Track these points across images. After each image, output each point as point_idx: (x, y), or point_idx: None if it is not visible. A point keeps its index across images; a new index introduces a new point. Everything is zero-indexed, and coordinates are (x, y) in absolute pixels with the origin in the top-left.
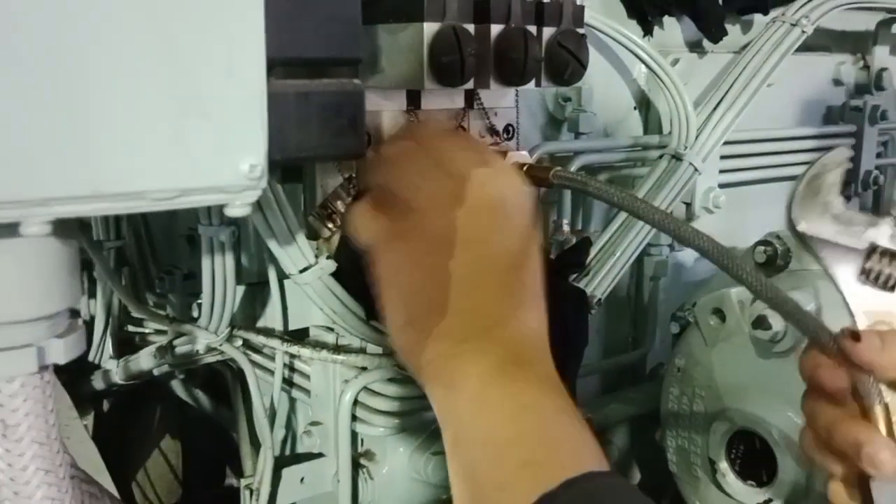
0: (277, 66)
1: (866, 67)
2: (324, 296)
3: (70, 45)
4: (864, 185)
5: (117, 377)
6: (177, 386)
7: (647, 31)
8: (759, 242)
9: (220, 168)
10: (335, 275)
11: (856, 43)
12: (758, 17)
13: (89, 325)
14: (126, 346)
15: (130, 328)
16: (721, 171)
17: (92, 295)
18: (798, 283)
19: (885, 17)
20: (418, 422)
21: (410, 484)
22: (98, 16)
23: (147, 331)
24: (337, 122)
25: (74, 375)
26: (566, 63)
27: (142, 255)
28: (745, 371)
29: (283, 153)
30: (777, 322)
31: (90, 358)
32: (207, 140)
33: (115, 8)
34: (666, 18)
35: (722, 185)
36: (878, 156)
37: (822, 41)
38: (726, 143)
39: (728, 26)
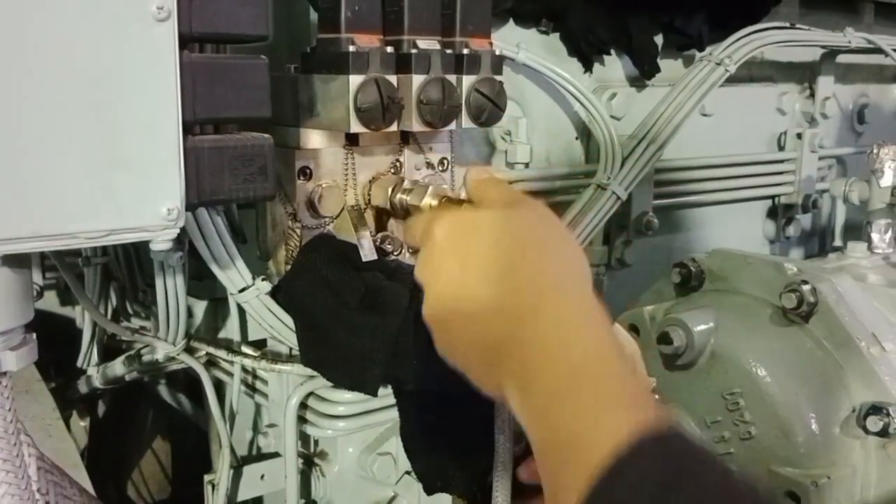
0: (196, 124)
1: (812, 97)
2: (261, 312)
3: (9, 116)
4: (804, 208)
5: (97, 382)
6: (163, 390)
7: (588, 68)
8: (676, 264)
9: (143, 212)
10: (273, 294)
11: (802, 73)
12: (698, 53)
13: (81, 333)
14: (114, 354)
15: (120, 337)
16: (656, 196)
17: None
18: (706, 302)
19: (828, 50)
20: (364, 425)
21: (359, 481)
22: (35, 90)
23: (131, 339)
24: (247, 171)
25: (66, 381)
26: (483, 107)
27: (129, 270)
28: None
29: (199, 197)
30: (678, 338)
31: (78, 364)
32: (130, 189)
33: (48, 82)
34: (607, 56)
35: (657, 209)
36: (823, 179)
37: (766, 73)
38: (662, 169)
39: (670, 61)
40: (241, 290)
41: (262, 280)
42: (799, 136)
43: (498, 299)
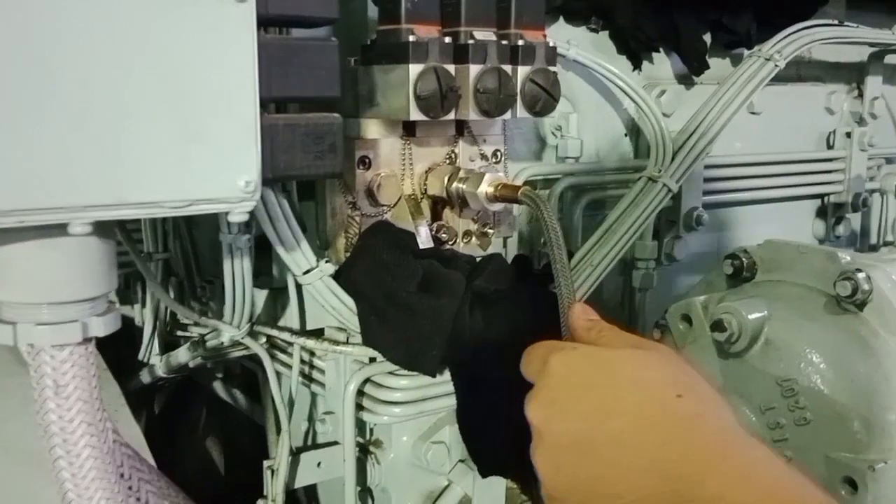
0: (271, 102)
1: (860, 96)
2: (324, 294)
3: (103, 96)
4: (853, 207)
5: (160, 371)
6: (218, 387)
7: (637, 66)
8: (728, 256)
9: (222, 184)
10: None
11: (850, 73)
12: (746, 51)
13: (141, 329)
14: (174, 348)
15: (179, 333)
16: (705, 193)
17: (144, 304)
18: (759, 292)
19: (877, 50)
20: (419, 412)
21: (412, 470)
22: (120, 66)
23: (191, 334)
24: (318, 148)
25: (125, 378)
26: (538, 97)
27: (187, 267)
28: (709, 370)
29: (273, 172)
30: (731, 325)
31: (140, 357)
32: (211, 162)
33: (133, 59)
34: (656, 53)
35: (706, 206)
36: (872, 179)
37: (814, 72)
38: (711, 166)
39: (718, 59)
40: (306, 273)
41: (326, 262)
42: (848, 134)
43: (654, 449)
